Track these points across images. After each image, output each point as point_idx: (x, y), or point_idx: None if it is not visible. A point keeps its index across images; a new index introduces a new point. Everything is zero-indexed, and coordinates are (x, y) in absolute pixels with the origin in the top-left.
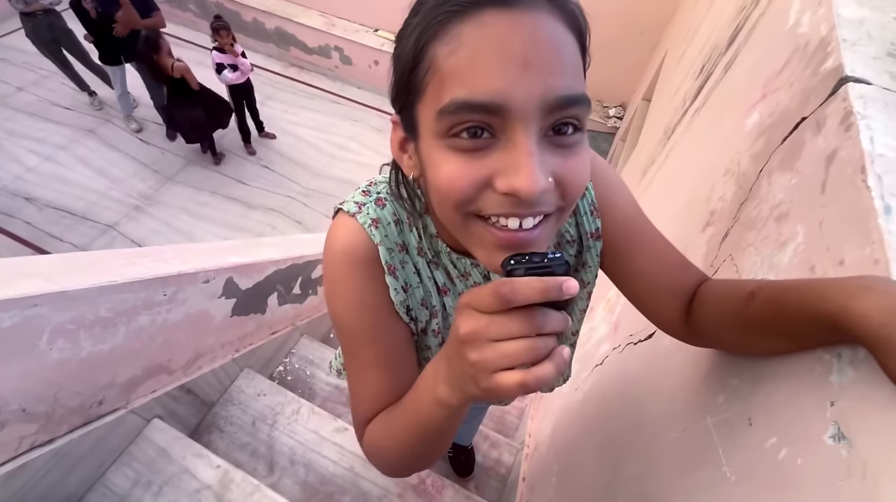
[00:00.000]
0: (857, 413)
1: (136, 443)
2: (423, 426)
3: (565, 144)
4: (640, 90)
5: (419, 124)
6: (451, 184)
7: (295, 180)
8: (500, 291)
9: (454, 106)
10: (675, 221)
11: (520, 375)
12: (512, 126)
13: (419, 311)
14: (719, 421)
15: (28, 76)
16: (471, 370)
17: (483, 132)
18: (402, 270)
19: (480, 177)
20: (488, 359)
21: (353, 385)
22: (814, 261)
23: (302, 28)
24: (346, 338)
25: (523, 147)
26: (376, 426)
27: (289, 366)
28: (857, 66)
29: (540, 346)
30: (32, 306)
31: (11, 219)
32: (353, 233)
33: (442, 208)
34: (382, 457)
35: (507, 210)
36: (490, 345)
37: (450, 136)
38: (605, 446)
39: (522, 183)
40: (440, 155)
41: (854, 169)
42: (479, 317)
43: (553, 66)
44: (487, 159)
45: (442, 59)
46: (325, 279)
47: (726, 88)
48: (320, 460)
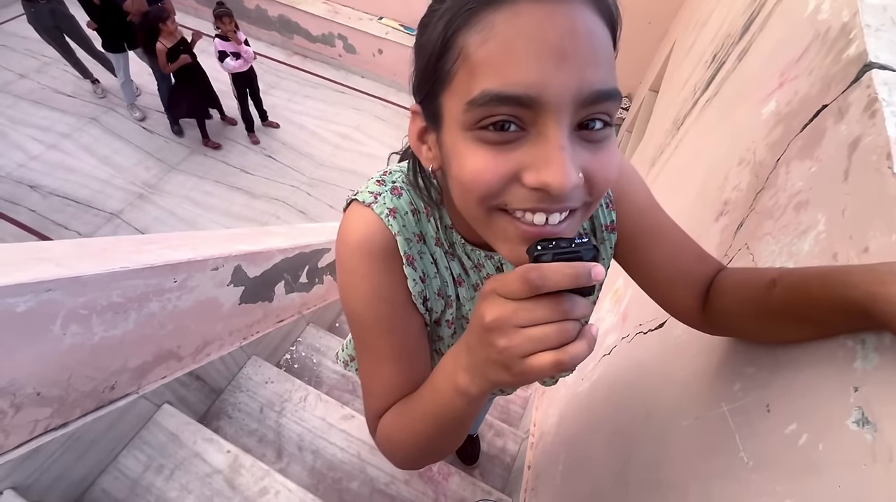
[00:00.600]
0: (883, 398)
1: (147, 428)
2: (440, 416)
3: (595, 139)
4: (648, 81)
5: (444, 115)
6: (478, 177)
7: (299, 170)
8: (529, 277)
9: (486, 97)
10: (686, 212)
11: (554, 355)
12: (544, 120)
13: (435, 302)
14: (735, 408)
15: (30, 63)
16: (499, 356)
17: (511, 125)
18: (419, 260)
19: (508, 170)
20: (517, 344)
21: (367, 378)
22: (836, 248)
23: (305, 16)
24: (360, 330)
25: (555, 141)
26: (390, 418)
27: (295, 354)
28: (881, 52)
29: (570, 328)
30: (46, 291)
31: (16, 206)
32: (369, 224)
33: (465, 201)
34: (397, 449)
35: (534, 205)
36: (518, 330)
37: (477, 129)
38: (615, 434)
39: (554, 178)
40: (466, 147)
41: (879, 156)
42: (505, 303)
43: (588, 59)
44: (516, 153)
45: (473, 48)
46: (339, 270)
47: (740, 77)
48: (328, 447)
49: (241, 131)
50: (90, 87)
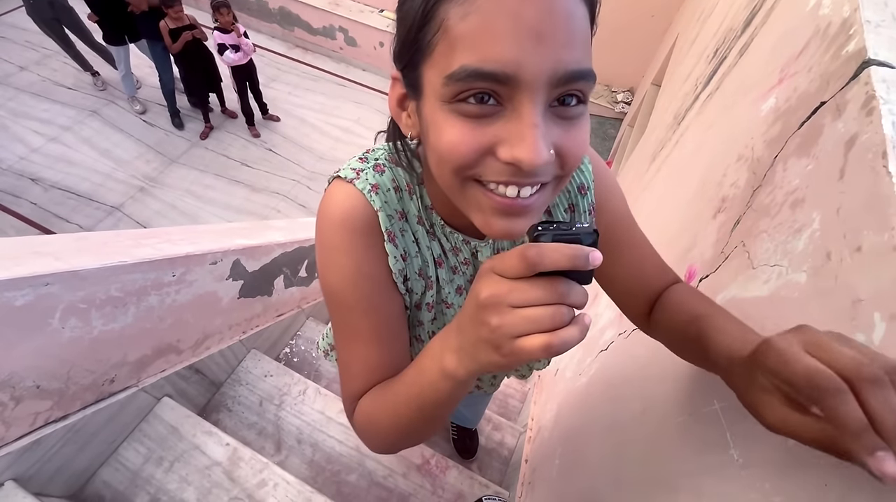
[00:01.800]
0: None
1: (147, 421)
2: (424, 399)
3: (568, 116)
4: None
5: (424, 85)
6: (454, 148)
7: (299, 163)
8: (527, 254)
9: (464, 73)
10: (684, 208)
11: (544, 337)
12: (519, 97)
13: (415, 282)
14: (728, 405)
15: (30, 55)
16: (490, 335)
17: (489, 98)
18: (401, 238)
19: (483, 143)
20: (510, 323)
21: (345, 359)
22: (830, 247)
23: (306, 8)
24: (338, 309)
25: (529, 119)
26: (370, 399)
27: (295, 347)
28: (880, 49)
29: (564, 312)
30: (45, 285)
31: (18, 199)
32: (351, 199)
33: (441, 171)
34: (377, 431)
35: (506, 178)
36: (512, 310)
37: (456, 101)
38: (610, 430)
39: (526, 154)
40: (444, 118)
41: (875, 154)
42: (501, 281)
43: (565, 40)
44: (492, 127)
45: (453, 21)
46: (319, 248)
47: (741, 72)
48: (327, 440)
49: (241, 124)
50: (90, 79)
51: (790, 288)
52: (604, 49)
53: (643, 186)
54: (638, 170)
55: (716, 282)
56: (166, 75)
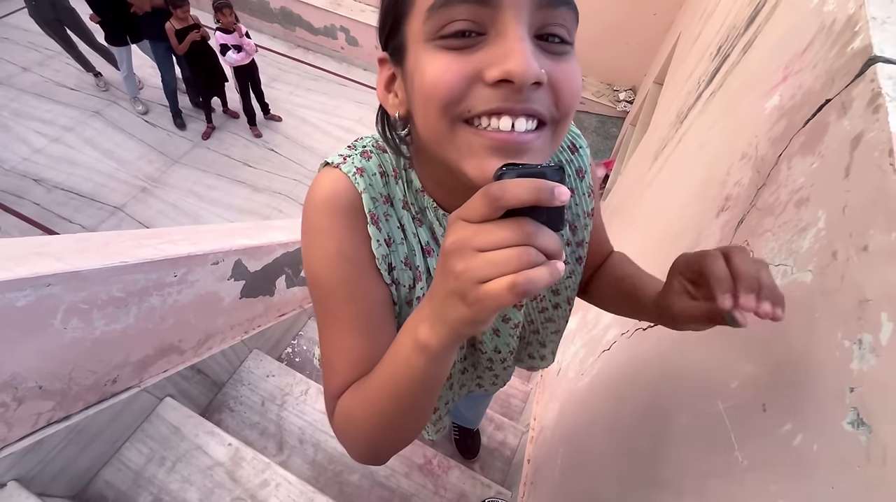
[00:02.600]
0: (878, 399)
1: (149, 421)
2: (398, 383)
3: (555, 52)
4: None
5: (407, 40)
6: (439, 79)
7: (301, 163)
8: (489, 191)
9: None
10: (688, 207)
11: (509, 278)
12: (502, 17)
13: (402, 272)
14: (732, 406)
15: (33, 56)
16: (456, 283)
17: (471, 33)
18: (385, 223)
19: (469, 70)
20: (475, 267)
21: (327, 352)
22: (836, 246)
23: (307, 8)
24: (321, 296)
25: (515, 33)
26: (348, 395)
27: (297, 347)
28: (886, 45)
29: (532, 253)
30: (46, 285)
31: (20, 199)
32: (336, 182)
33: (428, 114)
34: (353, 432)
35: (498, 104)
36: (476, 253)
37: (438, 38)
38: (613, 430)
39: (515, 64)
40: (427, 56)
41: (881, 152)
42: (466, 226)
43: None
44: (477, 54)
45: None
46: (303, 233)
47: (744, 70)
48: (329, 440)
49: (243, 125)
50: (93, 80)
51: (795, 287)
52: (606, 47)
53: (646, 185)
54: (640, 169)
55: None
56: (168, 75)
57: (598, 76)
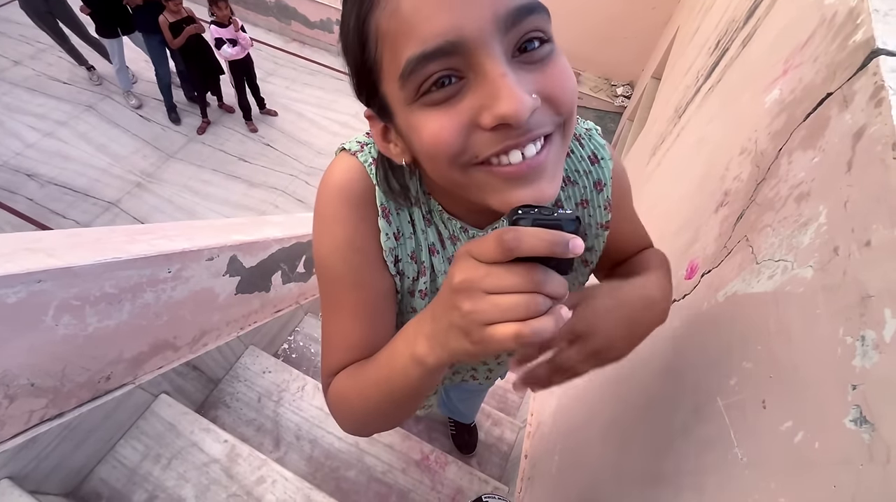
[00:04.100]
0: (882, 396)
1: (144, 418)
2: (394, 383)
3: (536, 59)
4: (650, 68)
5: (390, 102)
6: (437, 139)
7: (297, 158)
8: (503, 238)
9: (412, 64)
10: (686, 202)
11: (515, 327)
12: (476, 59)
13: (407, 265)
14: (731, 403)
15: (25, 49)
16: (462, 321)
17: (450, 79)
18: (396, 216)
19: (464, 121)
20: (482, 310)
21: (327, 332)
22: (837, 241)
23: (303, 1)
24: (327, 281)
25: (494, 72)
26: (344, 377)
27: (293, 343)
28: (888, 38)
29: (539, 302)
30: (37, 282)
31: (14, 195)
32: (351, 170)
33: (437, 170)
34: (347, 411)
35: (502, 144)
36: (485, 296)
37: (420, 96)
38: (611, 425)
39: (507, 107)
40: (417, 118)
41: (884, 146)
42: (477, 265)
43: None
44: (464, 102)
45: (385, 24)
46: (315, 216)
47: (744, 64)
48: (325, 436)
49: (238, 119)
50: (86, 73)
51: (796, 283)
52: (603, 42)
53: (644, 180)
54: (638, 164)
55: (718, 277)
56: (162, 69)
57: (595, 71)
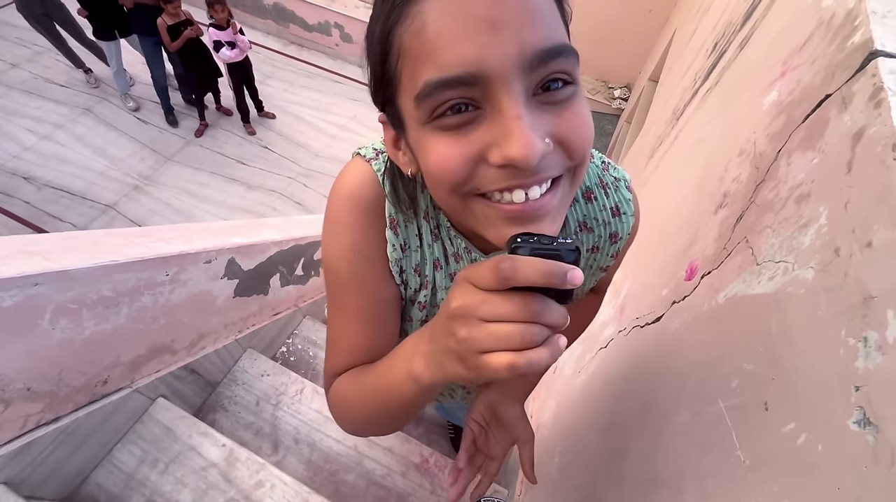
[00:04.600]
0: (885, 398)
1: (141, 422)
2: (389, 395)
3: (557, 100)
4: (647, 70)
5: (404, 115)
6: (442, 165)
7: (295, 161)
8: (500, 267)
9: (429, 88)
10: (685, 203)
11: (510, 357)
12: (494, 93)
13: (411, 277)
14: (733, 405)
15: (22, 52)
16: (457, 347)
17: (466, 107)
18: (403, 229)
19: (471, 153)
20: (477, 338)
21: (332, 334)
22: (838, 242)
23: (301, 4)
24: (333, 284)
25: (510, 111)
26: (345, 380)
27: (292, 346)
28: (887, 39)
29: (535, 332)
30: (33, 285)
31: (10, 198)
32: (364, 177)
33: (439, 194)
34: (345, 413)
35: (507, 183)
36: (481, 323)
37: (433, 119)
38: (611, 429)
39: (517, 151)
40: (427, 140)
41: (885, 147)
42: (474, 292)
43: (524, 20)
44: (476, 133)
45: (408, 41)
46: (325, 219)
47: (741, 66)
48: (324, 439)
49: (236, 122)
50: (83, 76)
51: (797, 284)
52: (601, 44)
53: (642, 182)
54: (636, 166)
55: (718, 279)
56: (157, 71)
57: (593, 73)
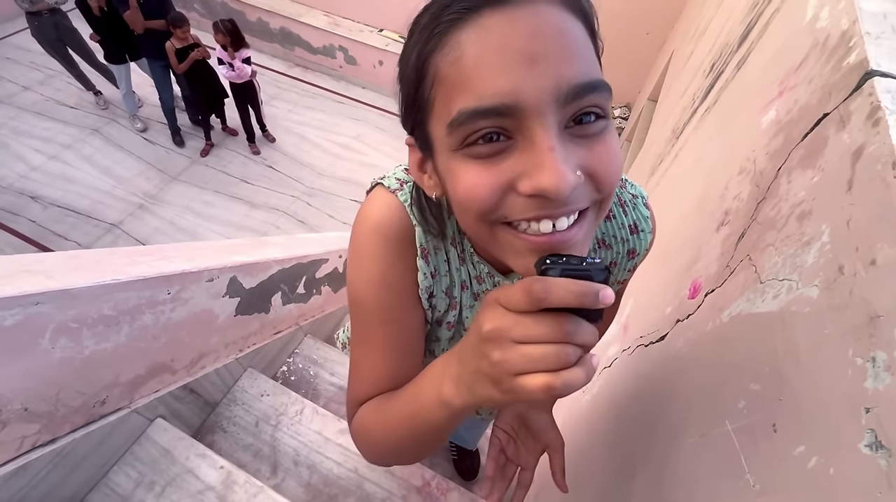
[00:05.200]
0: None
1: (139, 443)
2: (418, 421)
3: (589, 133)
4: (646, 90)
5: (433, 141)
6: (472, 193)
7: (299, 180)
8: (532, 289)
9: (463, 116)
10: (687, 221)
11: (546, 378)
12: (528, 124)
13: (441, 300)
14: (740, 426)
15: (34, 75)
16: (491, 370)
17: (499, 136)
18: (434, 256)
19: (501, 182)
20: (511, 360)
21: (356, 363)
22: (842, 260)
23: (306, 28)
24: (359, 313)
25: (543, 143)
26: (369, 409)
27: (292, 366)
28: (882, 59)
29: (569, 352)
30: (35, 304)
31: (16, 217)
32: (391, 209)
33: (466, 220)
34: (370, 443)
35: (535, 213)
36: (514, 345)
37: (465, 146)
38: (616, 450)
39: (549, 181)
40: (457, 166)
41: (884, 165)
42: (505, 314)
43: (561, 55)
44: (507, 162)
45: (445, 69)
46: (351, 250)
47: (739, 86)
48: (324, 461)
49: (241, 142)
50: (93, 98)
51: (802, 302)
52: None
53: None
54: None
55: (722, 297)
56: (165, 93)
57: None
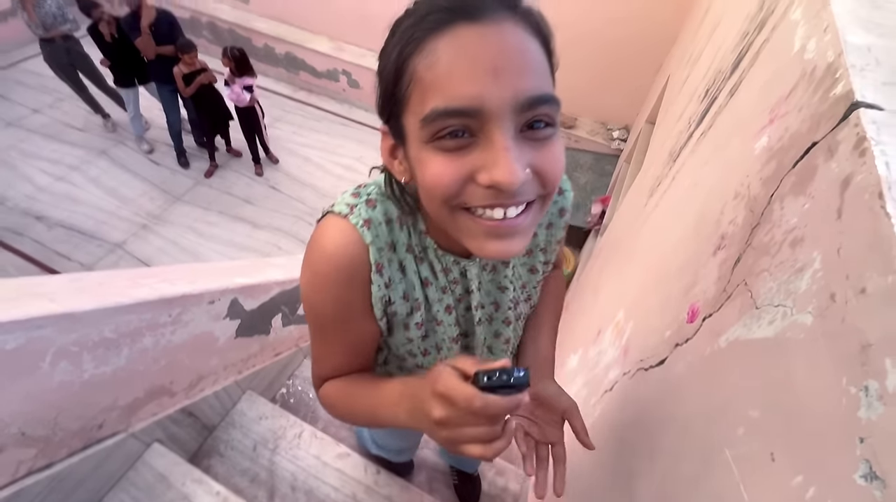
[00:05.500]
0: (890, 451)
1: (134, 468)
2: (379, 416)
3: (539, 138)
4: (644, 113)
5: (406, 131)
6: (438, 180)
7: (301, 200)
8: (475, 406)
9: (435, 114)
10: (685, 243)
11: (481, 449)
12: (489, 126)
13: (400, 305)
14: (739, 454)
15: (44, 99)
16: (439, 438)
17: (464, 133)
18: (387, 267)
19: (463, 173)
20: (456, 438)
21: (316, 352)
22: (833, 288)
23: (311, 53)
24: (315, 319)
25: (500, 143)
26: (334, 388)
27: (291, 388)
28: (867, 91)
29: (496, 431)
30: (37, 328)
31: (21, 237)
32: (345, 234)
33: (431, 203)
34: (334, 413)
35: (490, 201)
36: (460, 429)
37: (434, 140)
38: (618, 475)
39: (502, 176)
40: (427, 156)
41: (871, 195)
42: (452, 411)
43: (521, 71)
44: (469, 157)
45: (422, 71)
46: (305, 268)
47: (732, 112)
48: (322, 487)
49: (245, 163)
50: (101, 121)
51: (796, 329)
52: (599, 89)
53: (643, 221)
54: (636, 205)
55: (720, 322)
56: (173, 116)
57: (591, 115)
